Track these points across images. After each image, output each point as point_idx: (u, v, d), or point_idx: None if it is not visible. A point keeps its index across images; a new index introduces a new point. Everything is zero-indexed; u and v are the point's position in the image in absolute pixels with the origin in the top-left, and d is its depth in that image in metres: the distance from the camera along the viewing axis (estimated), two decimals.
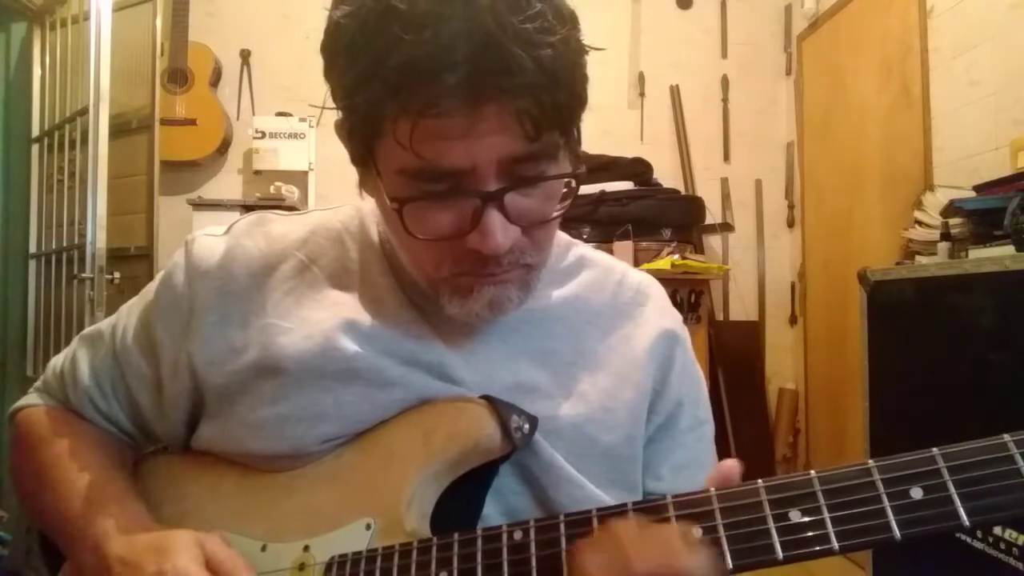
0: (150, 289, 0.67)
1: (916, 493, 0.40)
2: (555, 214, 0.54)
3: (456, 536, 0.50)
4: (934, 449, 0.41)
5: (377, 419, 0.58)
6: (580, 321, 0.66)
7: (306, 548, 0.55)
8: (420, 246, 0.53)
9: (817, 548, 0.41)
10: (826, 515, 0.41)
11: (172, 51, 2.71)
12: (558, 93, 0.48)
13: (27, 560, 2.26)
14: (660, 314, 0.70)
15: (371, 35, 0.47)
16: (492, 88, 0.45)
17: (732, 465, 0.47)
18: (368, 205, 0.66)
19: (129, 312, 0.68)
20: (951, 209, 1.88)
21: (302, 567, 0.55)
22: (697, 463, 0.68)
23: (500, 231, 0.50)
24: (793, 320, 3.25)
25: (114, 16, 2.12)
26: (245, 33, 3.00)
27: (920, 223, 2.06)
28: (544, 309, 0.64)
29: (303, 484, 0.58)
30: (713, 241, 3.20)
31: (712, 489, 0.45)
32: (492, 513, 0.58)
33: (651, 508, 0.46)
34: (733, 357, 3.01)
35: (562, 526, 0.48)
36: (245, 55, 3.00)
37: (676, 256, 2.60)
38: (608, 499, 0.60)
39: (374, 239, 0.65)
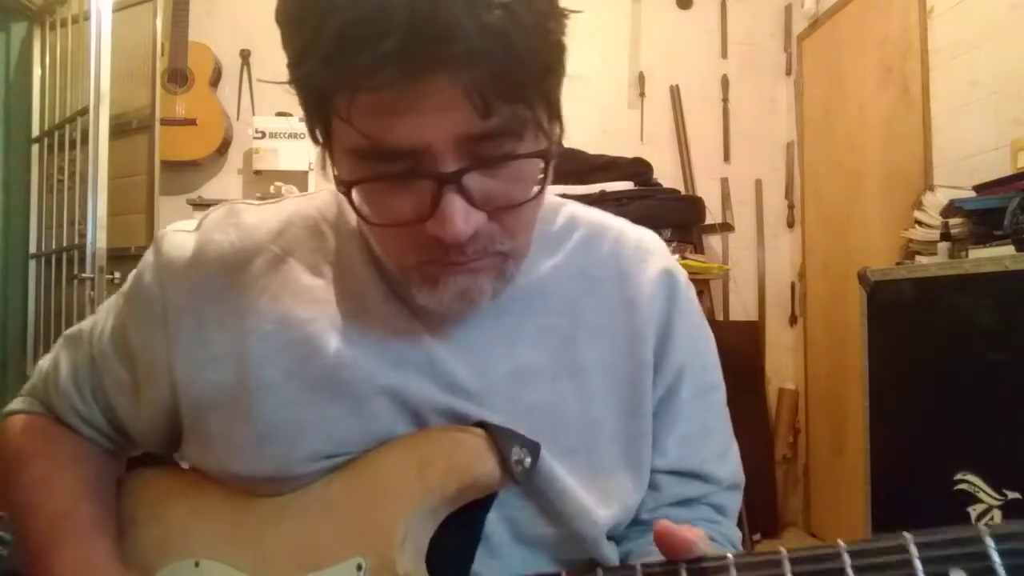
0: (124, 288, 0.63)
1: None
2: (527, 198, 0.49)
3: None
4: (980, 525, 0.37)
5: (366, 432, 0.54)
6: (577, 291, 0.61)
7: None
8: (381, 232, 0.50)
9: None
10: None
11: (172, 51, 2.71)
12: (511, 61, 0.42)
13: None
14: (659, 262, 0.64)
15: (306, 4, 0.43)
16: (433, 57, 0.40)
17: (665, 528, 0.42)
18: None
19: (107, 313, 0.65)
20: (951, 209, 1.88)
21: None
22: (706, 433, 0.63)
23: (461, 216, 0.45)
24: (793, 320, 3.25)
25: (114, 16, 2.12)
26: (245, 33, 3.00)
27: (920, 223, 2.06)
28: (537, 283, 0.59)
29: (291, 514, 0.55)
30: (713, 241, 3.20)
31: (730, 555, 0.41)
32: (494, 530, 0.55)
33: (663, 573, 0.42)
34: (733, 357, 2.98)
35: None
36: (245, 55, 2.99)
37: (676, 256, 2.60)
38: (620, 486, 0.57)
39: (353, 226, 0.60)
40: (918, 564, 0.36)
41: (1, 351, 2.52)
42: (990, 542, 0.35)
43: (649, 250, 0.65)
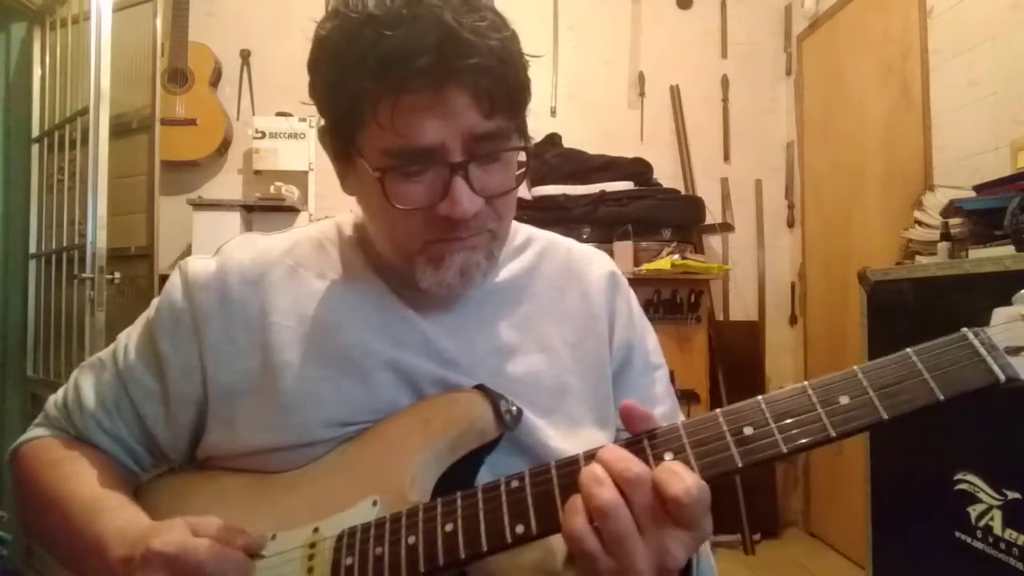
0: (148, 313, 0.72)
1: (843, 400, 0.49)
2: (513, 185, 0.63)
3: (459, 494, 0.54)
4: (855, 367, 0.51)
5: (374, 401, 0.64)
6: (540, 286, 0.75)
7: (315, 529, 0.58)
8: (397, 218, 0.60)
9: (770, 453, 0.48)
10: (772, 425, 0.49)
11: (172, 51, 2.71)
12: (508, 75, 0.58)
13: (27, 560, 2.26)
14: (603, 265, 0.80)
15: (355, 37, 0.56)
16: (455, 69, 0.55)
17: (628, 404, 0.53)
18: (341, 217, 0.75)
19: (128, 337, 0.72)
20: (951, 209, 1.88)
21: (313, 545, 0.57)
22: (653, 400, 0.76)
23: (467, 197, 0.58)
24: (793, 320, 3.25)
25: (114, 16, 2.12)
26: (245, 33, 3.00)
27: (920, 223, 2.06)
28: (507, 281, 0.73)
29: (308, 479, 0.62)
30: (713, 241, 3.20)
31: (679, 422, 0.52)
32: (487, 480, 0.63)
33: (628, 443, 0.52)
34: (733, 357, 3.01)
35: (553, 469, 0.53)
36: (245, 55, 3.00)
37: (676, 256, 2.61)
38: (593, 438, 0.67)
39: (352, 238, 0.73)
40: (812, 395, 0.49)
41: (1, 351, 2.52)
42: (861, 375, 0.50)
43: (594, 257, 0.81)
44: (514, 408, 0.63)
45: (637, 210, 2.73)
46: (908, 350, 0.51)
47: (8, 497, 2.44)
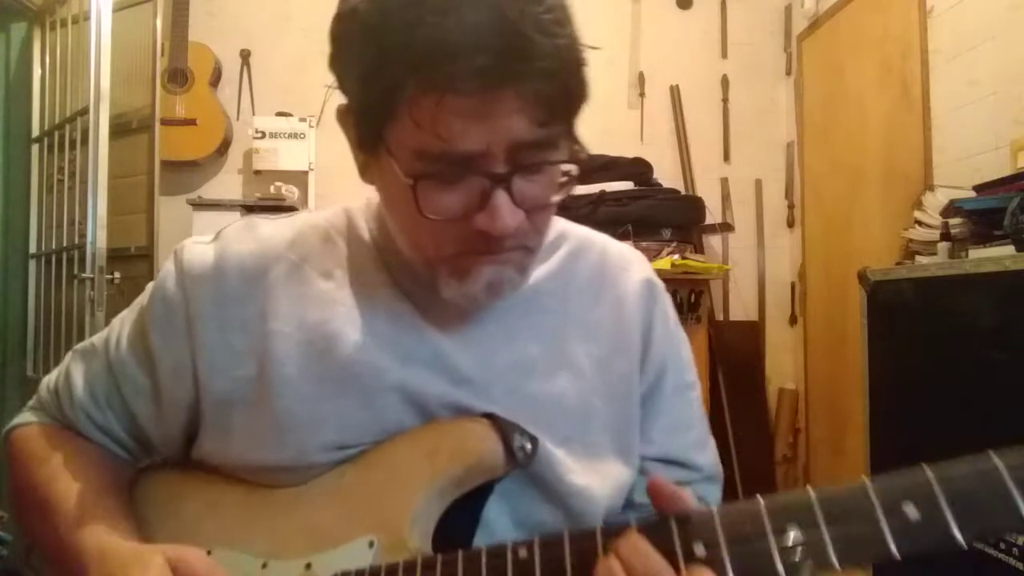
0: (142, 300, 0.67)
1: (909, 510, 0.41)
2: (556, 200, 0.56)
3: (460, 554, 0.50)
4: (926, 468, 0.42)
5: (377, 424, 0.59)
6: (568, 294, 0.67)
7: (308, 566, 0.55)
8: (425, 226, 0.53)
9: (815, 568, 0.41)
10: (823, 528, 0.41)
11: (172, 51, 2.71)
12: (570, 80, 0.50)
13: (27, 560, 2.26)
14: (641, 271, 0.72)
15: (393, 17, 0.48)
16: (513, 72, 0.47)
17: (657, 480, 0.48)
18: (354, 205, 0.68)
19: (122, 324, 0.68)
20: (951, 209, 1.88)
21: None
22: (686, 424, 0.71)
23: (508, 212, 0.51)
24: (793, 320, 3.25)
25: (114, 16, 2.12)
26: (245, 33, 3.00)
27: (920, 223, 2.06)
28: (533, 286, 0.65)
29: (304, 500, 0.58)
30: (713, 241, 3.20)
31: (714, 508, 0.45)
32: (498, 516, 0.59)
33: (654, 525, 0.45)
34: (733, 357, 3.01)
35: (567, 544, 0.47)
36: (245, 55, 3.00)
37: (676, 256, 2.60)
38: (612, 469, 0.62)
39: (364, 235, 0.65)
40: (875, 500, 0.41)
41: (1, 351, 2.52)
42: (935, 483, 0.42)
43: (631, 260, 0.73)
44: (528, 445, 0.56)
45: (637, 210, 2.73)
46: (993, 457, 0.42)
47: (7, 497, 2.44)
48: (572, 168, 0.56)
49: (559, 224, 0.71)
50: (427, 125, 0.49)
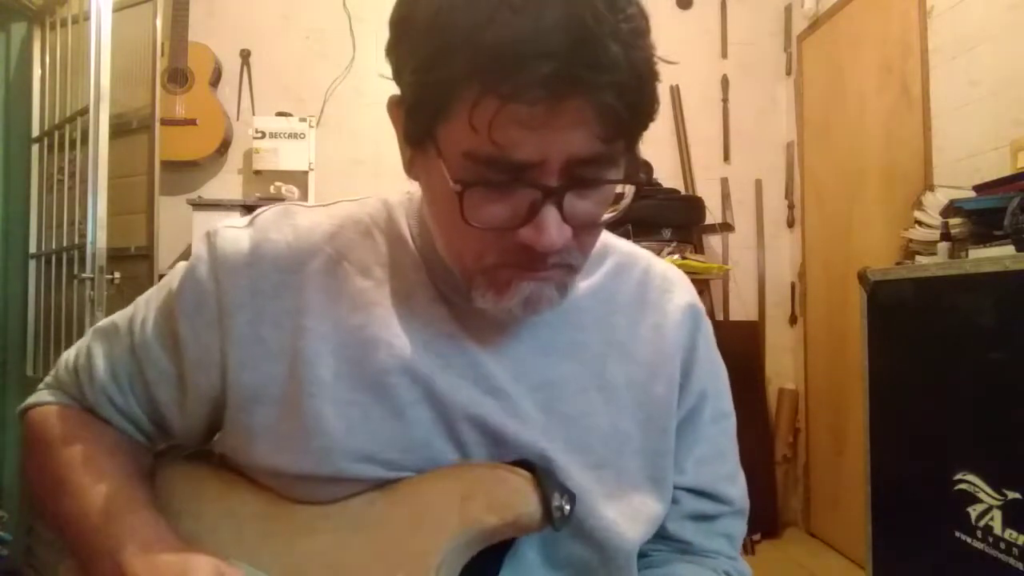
0: (171, 282, 0.63)
1: None
2: (605, 219, 0.53)
3: None
4: None
5: (405, 436, 0.56)
6: (608, 312, 0.65)
7: None
8: (467, 234, 0.51)
9: None
10: None
11: (172, 51, 2.71)
12: (643, 95, 0.48)
13: (27, 560, 2.26)
14: (684, 295, 0.69)
15: (461, 10, 0.45)
16: (582, 81, 0.44)
17: None
18: (395, 198, 0.65)
19: (147, 305, 0.65)
20: (951, 209, 1.88)
21: None
22: (720, 456, 0.68)
23: (556, 228, 0.49)
24: (793, 320, 3.25)
25: (114, 16, 2.12)
26: (245, 33, 3.00)
27: (920, 223, 2.06)
28: (572, 301, 0.61)
29: (328, 526, 0.56)
30: (713, 241, 3.20)
31: None
32: (527, 552, 0.57)
33: None
34: (733, 357, 2.95)
35: None
36: (245, 55, 3.00)
37: (676, 256, 2.61)
38: (643, 503, 0.60)
39: (404, 232, 0.63)
40: None
41: (1, 351, 2.52)
42: None
43: (674, 282, 0.70)
44: (567, 508, 0.53)
45: (637, 210, 2.72)
46: None
47: (8, 498, 2.44)
48: (628, 189, 0.53)
49: (603, 237, 0.67)
50: (483, 130, 0.46)
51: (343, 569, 0.53)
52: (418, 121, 0.51)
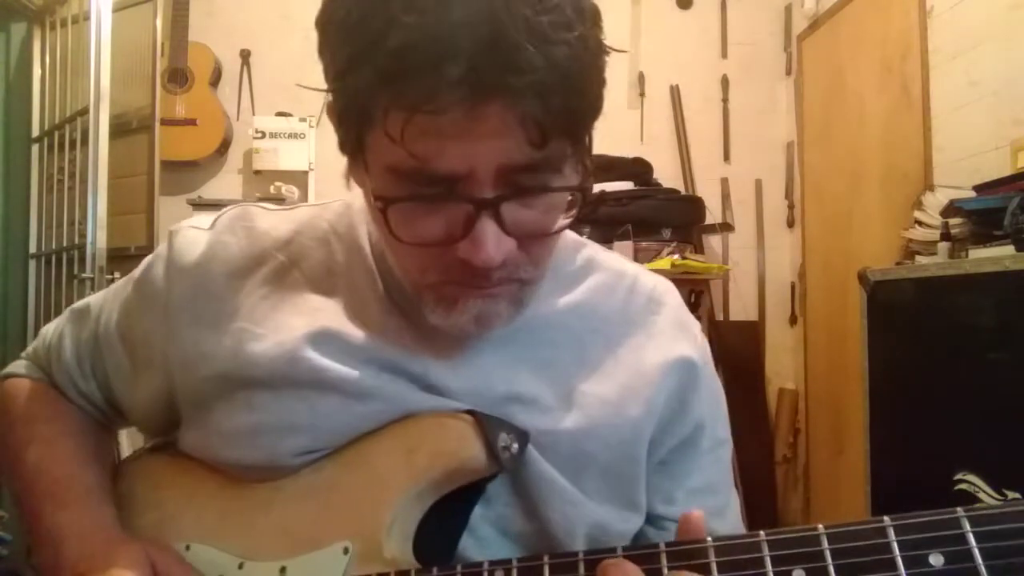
0: (134, 275, 0.65)
1: (936, 560, 0.36)
2: (556, 228, 0.50)
3: (435, 571, 0.48)
4: (958, 510, 0.37)
5: (355, 431, 0.55)
6: (584, 329, 0.61)
7: (283, 570, 0.53)
8: (406, 249, 0.49)
9: None
10: (830, 564, 0.37)
11: (172, 51, 2.71)
12: (570, 96, 0.43)
13: (27, 560, 2.26)
14: (676, 328, 0.64)
15: (367, 11, 0.42)
16: (497, 86, 0.40)
17: (698, 516, 0.45)
18: (359, 203, 0.62)
19: (115, 295, 0.66)
20: (951, 209, 1.88)
21: None
22: (712, 488, 0.64)
23: (493, 242, 0.45)
24: (793, 320, 3.25)
25: (114, 16, 2.12)
26: (245, 33, 3.00)
27: (920, 223, 2.06)
28: (545, 316, 0.59)
29: (281, 499, 0.56)
30: (713, 241, 3.20)
31: (709, 539, 0.42)
32: (481, 524, 0.56)
33: (642, 556, 0.43)
34: (733, 357, 3.00)
35: (546, 568, 0.45)
36: (245, 55, 2.99)
37: (676, 256, 2.61)
38: (606, 517, 0.58)
39: (362, 241, 0.61)
40: (896, 548, 0.37)
41: (1, 351, 2.52)
42: (967, 525, 0.36)
43: (662, 301, 0.65)
44: (515, 445, 0.52)
45: (637, 210, 2.73)
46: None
47: (8, 498, 2.44)
48: (577, 193, 0.49)
49: (588, 250, 0.66)
50: (399, 141, 0.42)
51: (297, 538, 0.54)
52: (346, 130, 0.48)
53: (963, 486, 1.54)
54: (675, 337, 0.63)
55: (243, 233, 0.61)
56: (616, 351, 0.61)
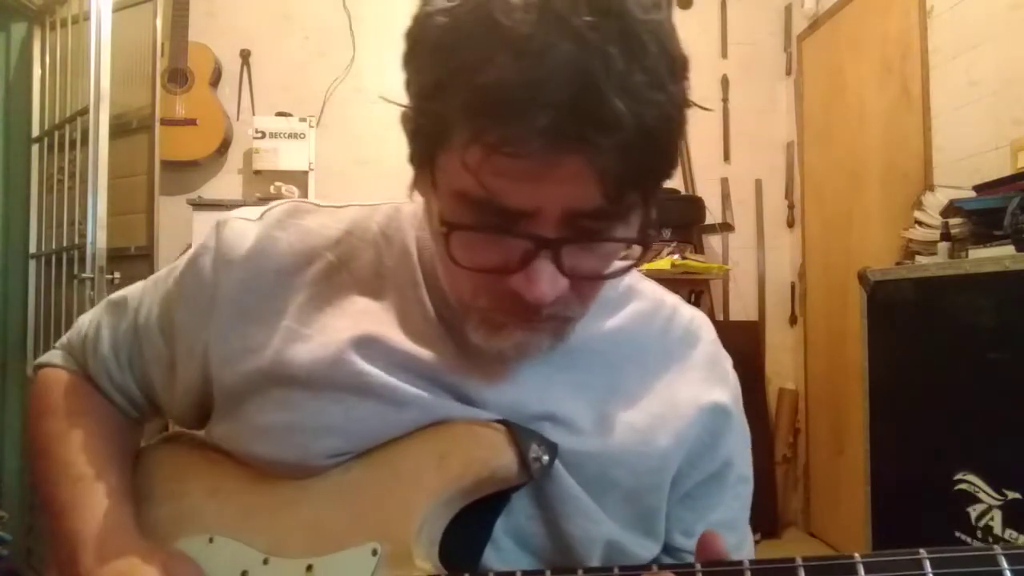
0: (177, 267, 0.65)
1: None
2: (609, 272, 0.50)
3: None
4: (996, 547, 0.37)
5: (387, 437, 0.56)
6: (620, 356, 0.61)
7: (309, 567, 0.54)
8: (461, 272, 0.49)
9: None
10: None
11: (172, 51, 2.71)
12: (652, 156, 0.44)
13: (27, 560, 2.26)
14: (711, 365, 0.65)
15: (463, 43, 0.42)
16: (580, 139, 0.40)
17: (718, 536, 0.46)
18: (408, 207, 0.63)
19: (155, 287, 0.66)
20: (951, 209, 1.89)
21: None
22: (731, 525, 0.65)
23: (548, 281, 0.46)
24: (793, 320, 3.25)
25: (114, 16, 2.12)
26: (245, 33, 3.00)
27: (920, 223, 2.06)
28: (583, 341, 0.59)
29: (308, 497, 0.56)
30: (713, 241, 3.20)
31: (746, 561, 0.43)
32: (501, 535, 0.56)
33: (681, 572, 0.43)
34: (733, 357, 2.94)
35: None
36: (245, 55, 3.00)
37: (676, 256, 2.61)
38: (624, 539, 0.58)
39: (410, 246, 0.61)
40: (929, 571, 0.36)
41: (1, 351, 2.52)
42: (1004, 563, 0.36)
43: (698, 335, 0.66)
44: (545, 457, 0.52)
45: None
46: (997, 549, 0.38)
47: (8, 498, 2.44)
48: (636, 248, 0.49)
49: (631, 277, 0.65)
50: (474, 171, 0.43)
51: (325, 536, 0.54)
52: (419, 144, 0.49)
53: (963, 486, 1.54)
54: (709, 378, 0.64)
55: (293, 229, 0.61)
56: (650, 381, 0.61)
